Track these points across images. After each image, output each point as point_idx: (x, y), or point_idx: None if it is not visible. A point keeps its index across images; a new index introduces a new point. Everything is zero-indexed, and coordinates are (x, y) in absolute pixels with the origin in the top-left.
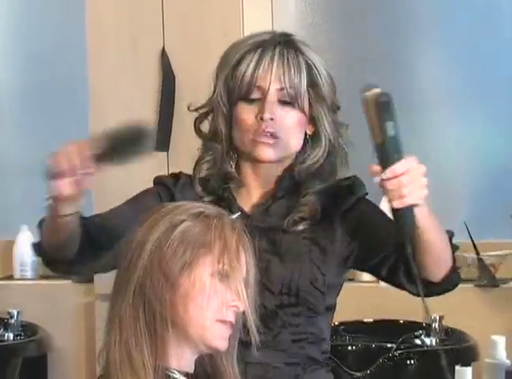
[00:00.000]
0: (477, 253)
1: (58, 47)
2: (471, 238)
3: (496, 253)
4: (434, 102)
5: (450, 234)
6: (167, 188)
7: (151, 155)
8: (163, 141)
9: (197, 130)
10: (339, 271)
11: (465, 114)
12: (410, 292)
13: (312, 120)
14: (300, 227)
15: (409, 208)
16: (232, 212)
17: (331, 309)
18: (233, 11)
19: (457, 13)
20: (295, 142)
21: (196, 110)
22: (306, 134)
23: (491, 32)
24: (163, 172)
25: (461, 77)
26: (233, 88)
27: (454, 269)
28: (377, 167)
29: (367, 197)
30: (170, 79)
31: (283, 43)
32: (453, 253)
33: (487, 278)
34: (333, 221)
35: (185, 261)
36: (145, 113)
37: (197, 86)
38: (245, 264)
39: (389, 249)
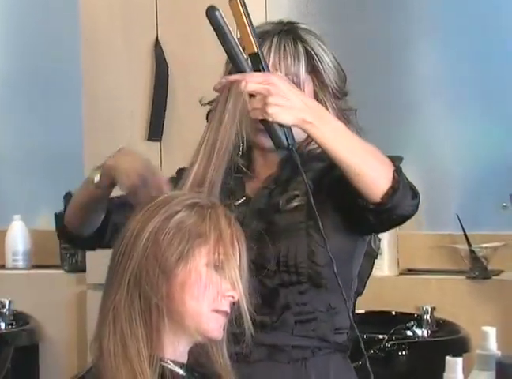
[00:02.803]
0: (469, 245)
1: (51, 38)
2: (463, 229)
3: (488, 244)
4: (428, 96)
5: (395, 159)
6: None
7: (143, 145)
8: (155, 131)
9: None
10: (343, 238)
11: (458, 107)
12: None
13: None
14: (294, 204)
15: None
16: (238, 198)
17: (345, 280)
18: (226, 0)
19: (454, 8)
20: (298, 129)
21: (208, 103)
22: None
23: (488, 29)
24: (156, 162)
25: (455, 72)
26: None
27: (394, 189)
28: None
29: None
30: (163, 69)
31: (283, 33)
32: (396, 173)
33: (479, 270)
34: (322, 190)
35: (181, 252)
36: (138, 102)
37: (190, 76)
38: (238, 253)
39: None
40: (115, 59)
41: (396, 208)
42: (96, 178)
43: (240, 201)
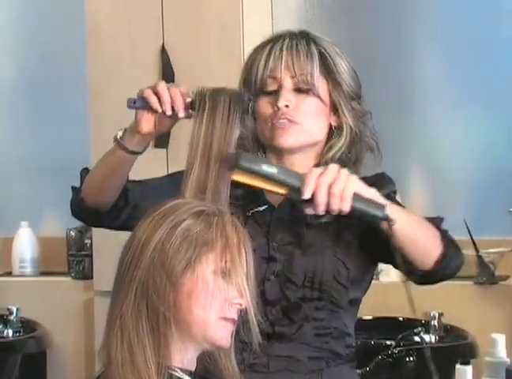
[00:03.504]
0: (476, 251)
1: (58, 46)
2: (470, 235)
3: (495, 250)
4: (432, 99)
5: (438, 222)
6: None
7: (150, 153)
8: (162, 138)
9: None
10: (365, 265)
11: (463, 111)
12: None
13: (335, 110)
14: (324, 220)
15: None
16: (259, 205)
17: (355, 303)
18: (232, 7)
19: (457, 9)
20: (316, 128)
21: None
22: (332, 126)
23: (490, 30)
24: (163, 170)
25: (458, 74)
26: (250, 85)
27: (445, 256)
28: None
29: (397, 196)
30: (169, 76)
31: (295, 35)
32: (444, 237)
33: (487, 275)
34: (355, 224)
35: (188, 260)
36: None
37: (196, 83)
38: (245, 260)
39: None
40: (121, 66)
41: (440, 273)
42: (120, 134)
43: (263, 208)
